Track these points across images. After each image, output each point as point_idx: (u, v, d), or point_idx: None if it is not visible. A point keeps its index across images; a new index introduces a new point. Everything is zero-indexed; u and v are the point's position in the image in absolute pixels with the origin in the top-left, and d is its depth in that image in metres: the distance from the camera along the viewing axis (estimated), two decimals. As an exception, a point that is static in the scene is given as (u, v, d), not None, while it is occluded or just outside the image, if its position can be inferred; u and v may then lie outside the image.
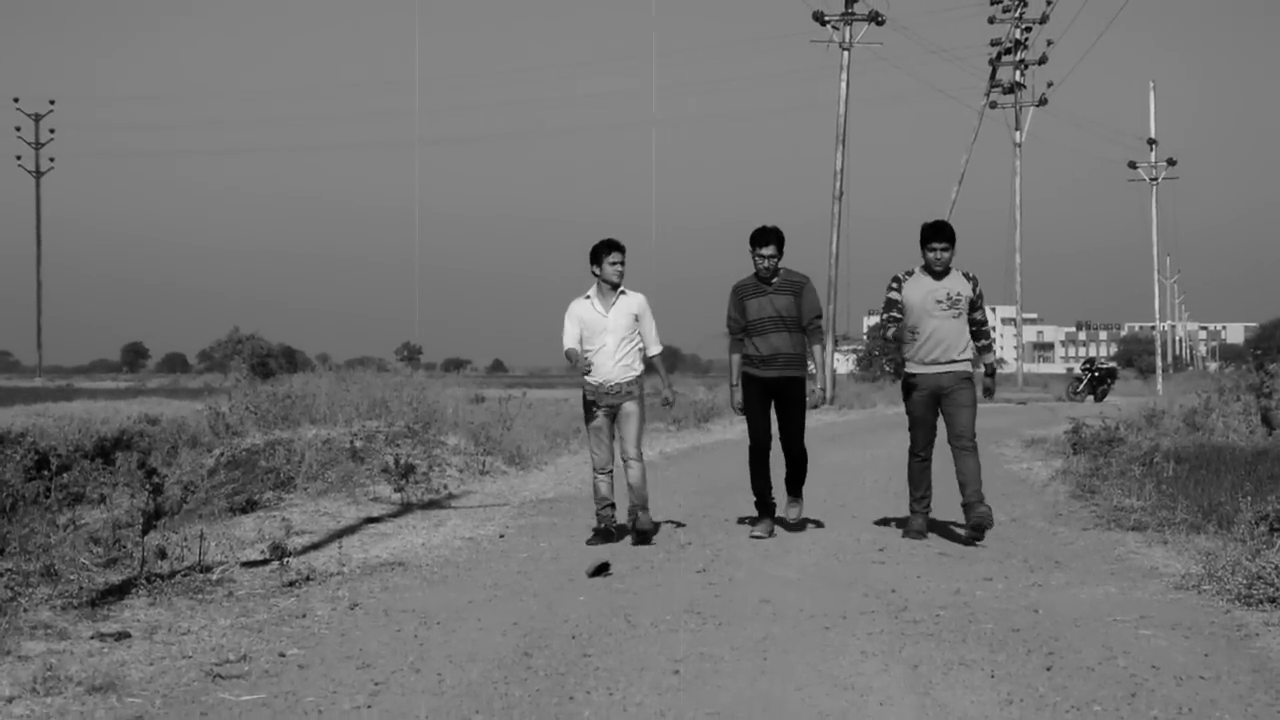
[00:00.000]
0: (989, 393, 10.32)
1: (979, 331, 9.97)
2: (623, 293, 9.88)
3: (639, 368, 9.97)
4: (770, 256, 9.87)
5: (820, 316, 10.05)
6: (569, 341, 9.88)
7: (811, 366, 10.08)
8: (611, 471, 9.89)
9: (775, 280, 9.93)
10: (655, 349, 10.09)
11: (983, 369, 10.19)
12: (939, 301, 9.76)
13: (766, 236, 9.89)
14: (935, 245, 9.80)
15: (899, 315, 9.90)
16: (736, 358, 10.09)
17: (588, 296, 9.91)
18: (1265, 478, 10.94)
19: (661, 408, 10.49)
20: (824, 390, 10.15)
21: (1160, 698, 5.28)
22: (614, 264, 9.82)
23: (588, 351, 9.82)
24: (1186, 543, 8.89)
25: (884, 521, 10.42)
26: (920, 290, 9.83)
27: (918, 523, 9.81)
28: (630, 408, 9.87)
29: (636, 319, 9.88)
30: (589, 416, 9.95)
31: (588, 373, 9.84)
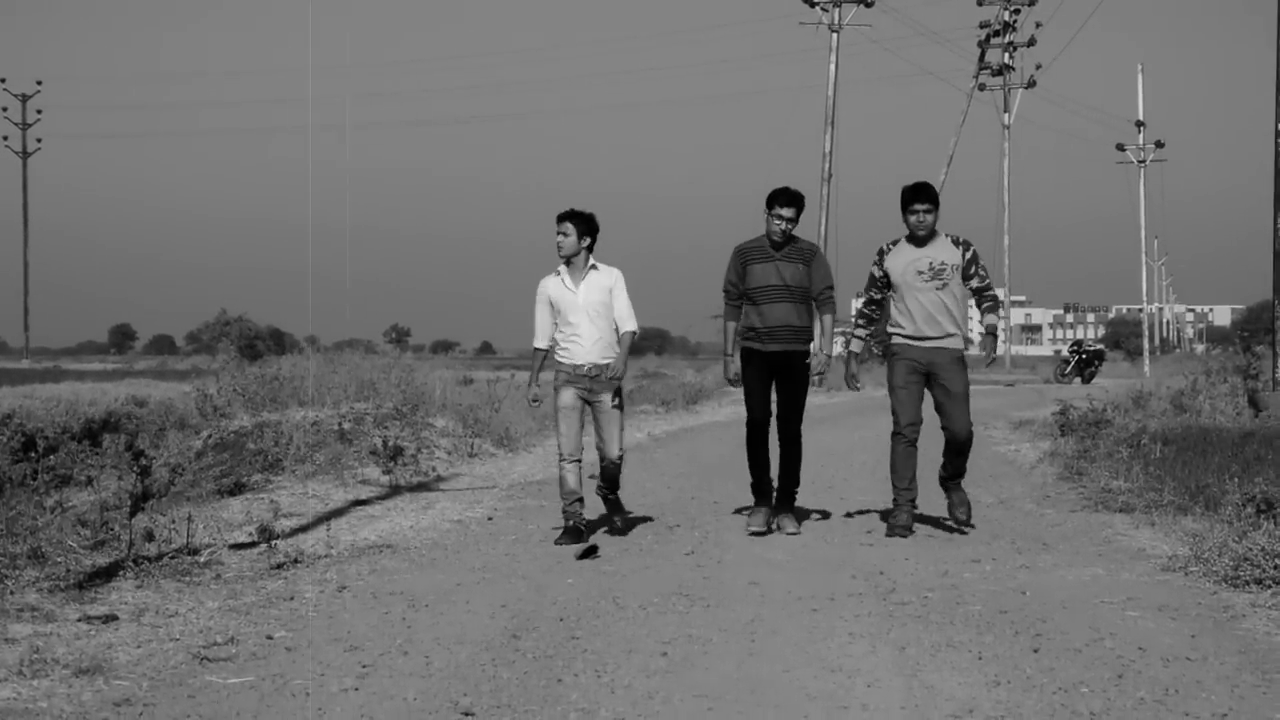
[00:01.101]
0: (990, 357, 9.48)
1: (980, 297, 9.24)
2: (594, 267, 9.15)
3: (615, 348, 9.19)
4: (788, 220, 9.10)
5: (832, 288, 9.29)
6: (540, 338, 9.27)
7: (816, 338, 9.38)
8: (580, 460, 9.11)
9: (786, 247, 9.17)
10: (629, 326, 9.21)
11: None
12: (920, 273, 9.04)
13: (788, 197, 9.12)
14: (916, 207, 9.01)
15: (877, 296, 9.31)
16: (733, 325, 9.38)
17: (558, 272, 9.21)
18: (1252, 459, 10.96)
19: (606, 376, 9.15)
20: (827, 357, 9.35)
21: (1147, 679, 5.30)
22: (559, 234, 9.10)
23: (563, 336, 9.14)
24: (1174, 524, 8.92)
25: (866, 512, 10.03)
26: (902, 261, 9.13)
27: (902, 518, 9.04)
28: (608, 403, 9.17)
29: (610, 295, 9.15)
30: (559, 395, 9.14)
31: (537, 401, 9.45)
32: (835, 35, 39.83)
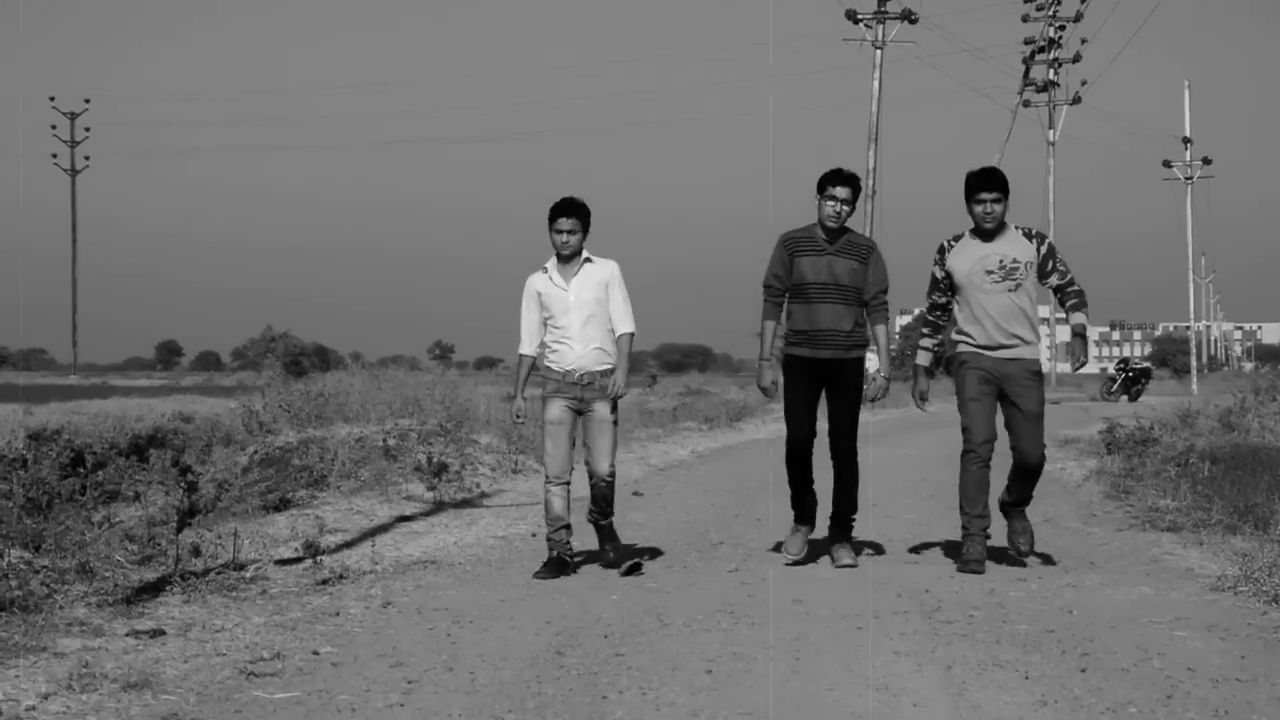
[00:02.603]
0: (1079, 361, 8.36)
1: (1063, 294, 8.24)
2: (588, 260, 8.27)
3: (613, 353, 8.31)
4: (843, 201, 8.13)
5: (886, 291, 8.30)
6: (524, 342, 8.42)
7: (871, 352, 8.47)
8: (569, 483, 8.28)
9: (840, 239, 8.21)
10: (626, 327, 8.28)
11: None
12: (989, 272, 8.07)
13: (842, 177, 8.18)
14: (983, 196, 8.06)
15: (941, 300, 8.33)
16: (772, 325, 8.34)
17: (545, 268, 8.34)
18: (1302, 478, 10.86)
19: (599, 384, 8.27)
20: (887, 378, 8.42)
21: (1196, 700, 5.25)
22: (560, 231, 8.22)
23: (553, 338, 8.28)
24: (1222, 544, 8.84)
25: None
26: (967, 259, 8.16)
27: (975, 550, 8.08)
28: (604, 413, 8.24)
29: (606, 291, 8.27)
30: (547, 408, 8.27)
31: (521, 417, 8.63)
32: (879, 52, 39.76)
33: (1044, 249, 8.16)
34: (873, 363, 8.62)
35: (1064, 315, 8.40)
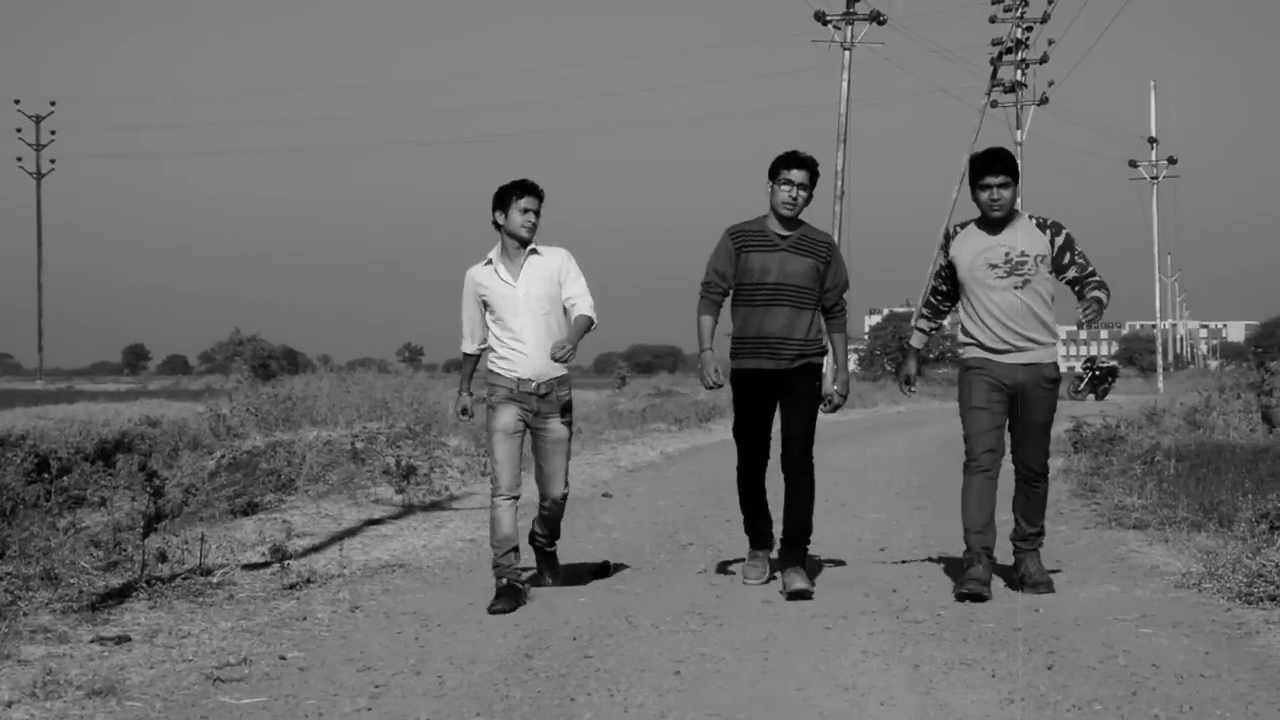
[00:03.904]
0: (1089, 317, 7.25)
1: (1083, 287, 7.33)
2: (534, 251, 7.38)
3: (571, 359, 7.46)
4: (799, 185, 7.32)
5: (846, 291, 7.57)
6: (466, 340, 7.61)
7: (828, 361, 7.74)
8: (519, 497, 7.47)
9: (793, 233, 7.40)
10: (588, 310, 7.39)
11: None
12: (992, 266, 7.25)
13: (798, 160, 7.38)
14: (989, 181, 7.20)
15: (944, 287, 7.54)
16: (709, 320, 7.52)
17: (489, 261, 7.45)
18: (1266, 476, 10.93)
19: (555, 399, 7.49)
20: (843, 395, 7.64)
21: (1161, 696, 5.28)
22: (526, 210, 7.32)
23: (501, 342, 7.40)
24: (1187, 541, 8.88)
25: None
26: (971, 249, 7.33)
27: (977, 570, 7.22)
28: (559, 431, 7.49)
29: (560, 285, 7.40)
30: (495, 415, 7.43)
31: (468, 413, 7.80)
32: (848, 53, 39.85)
33: (1060, 240, 7.29)
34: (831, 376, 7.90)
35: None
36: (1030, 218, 7.36)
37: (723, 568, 8.39)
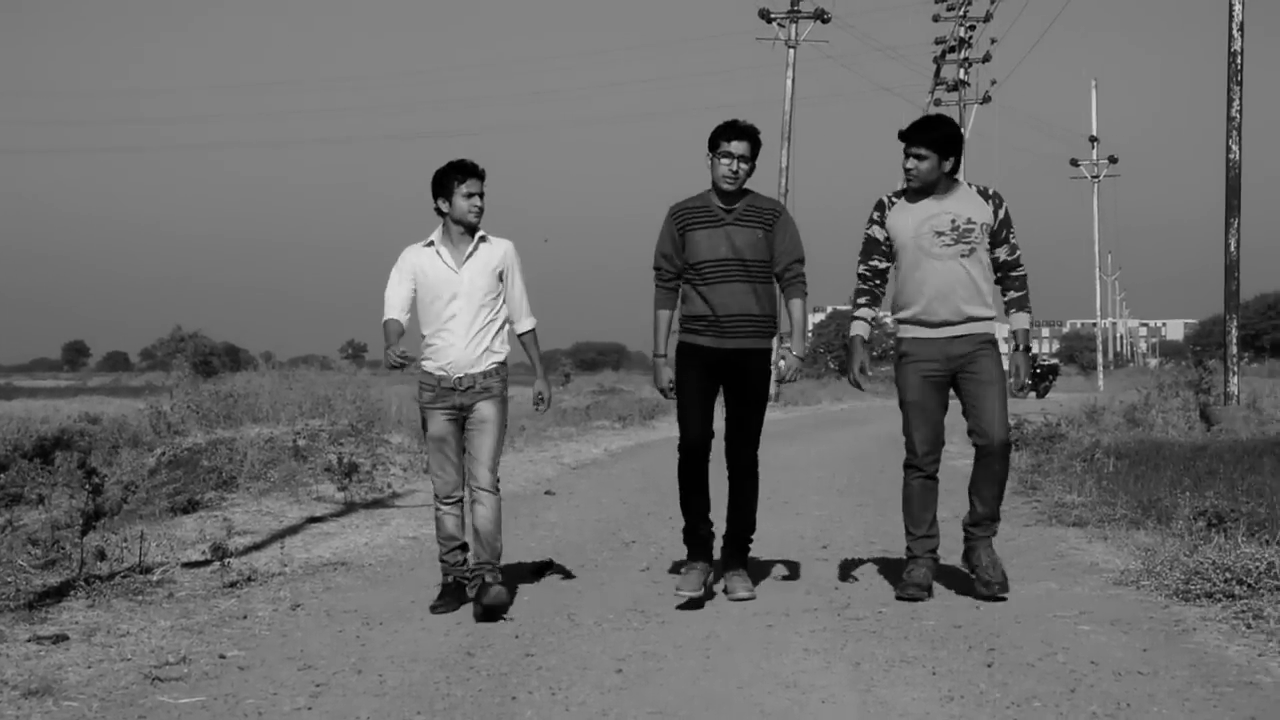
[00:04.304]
0: (1020, 381, 7.24)
1: (1006, 277, 7.14)
2: (484, 239, 7.05)
3: (503, 351, 7.12)
4: (739, 158, 6.97)
5: (802, 261, 7.13)
6: (392, 310, 7.05)
7: (784, 332, 7.33)
8: (461, 500, 7.17)
9: (737, 205, 7.05)
10: (528, 323, 7.18)
11: (1010, 340, 7.17)
12: (939, 233, 6.97)
13: (738, 130, 7.03)
14: (910, 151, 7.00)
15: (881, 265, 7.17)
16: (666, 315, 7.17)
17: (430, 243, 7.08)
18: (1203, 473, 11.05)
19: (534, 409, 7.43)
20: (797, 357, 7.19)
21: (1099, 693, 5.32)
22: (470, 195, 6.96)
23: (430, 329, 7.06)
24: (1126, 538, 8.96)
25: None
26: (912, 219, 7.04)
27: (918, 573, 7.14)
28: (487, 411, 7.01)
29: (501, 278, 7.07)
30: (427, 422, 7.12)
31: (400, 365, 6.96)
32: (792, 51, 39.94)
33: (1001, 213, 7.06)
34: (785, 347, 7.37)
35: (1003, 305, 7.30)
36: (971, 185, 7.12)
37: (674, 568, 8.39)
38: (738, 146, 6.96)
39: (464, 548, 7.15)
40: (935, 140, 6.94)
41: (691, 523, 7.25)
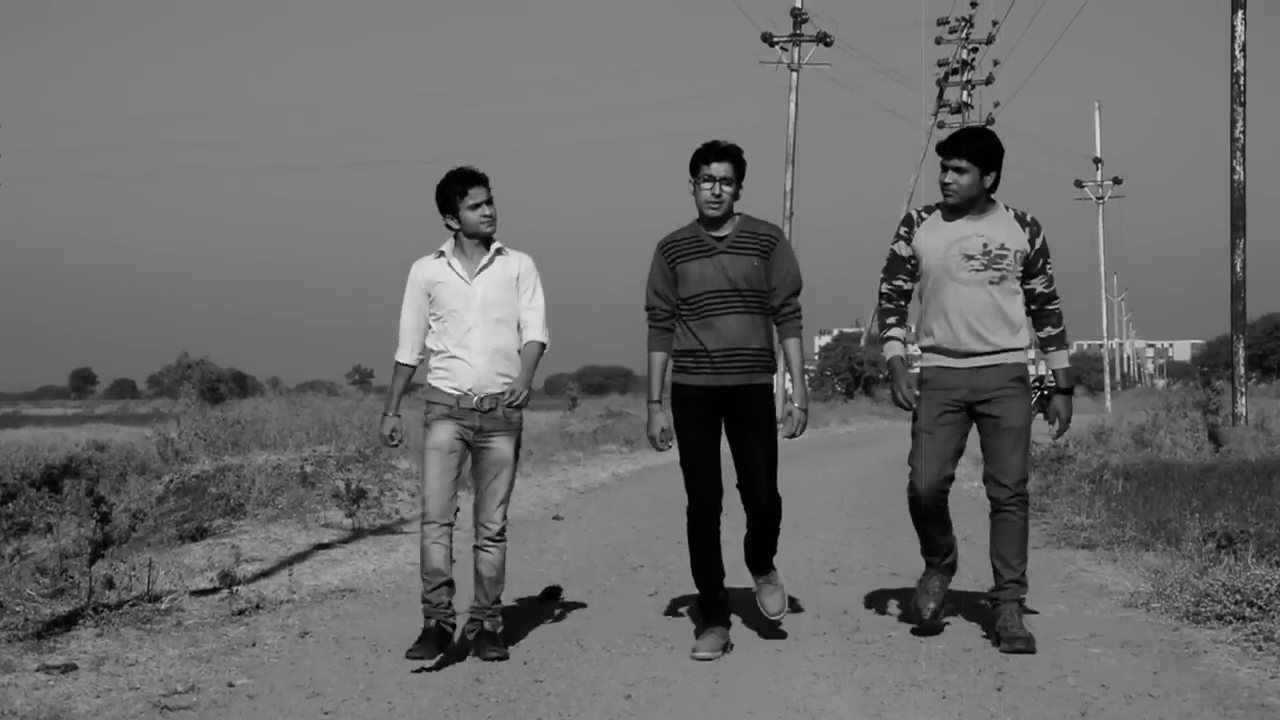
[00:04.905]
0: (1058, 421, 6.98)
1: (1042, 311, 6.68)
2: (500, 251, 6.63)
3: (517, 370, 6.65)
4: (721, 180, 6.45)
5: (799, 293, 6.60)
6: (403, 345, 6.71)
7: (783, 377, 7.00)
8: (452, 525, 6.63)
9: (729, 231, 6.54)
10: (537, 334, 6.64)
11: (1048, 377, 6.11)
12: (969, 257, 6.46)
13: (717, 151, 6.51)
14: (948, 164, 6.46)
15: (907, 285, 6.67)
16: (661, 358, 6.61)
17: (441, 254, 6.65)
18: (1213, 494, 11.03)
19: (504, 409, 6.61)
20: (803, 410, 6.70)
21: (1110, 716, 5.31)
22: (477, 205, 6.52)
23: (442, 347, 6.60)
24: (1135, 560, 8.95)
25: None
26: (943, 238, 6.52)
27: (927, 599, 6.81)
28: (504, 450, 6.59)
29: (517, 293, 6.63)
30: (431, 432, 6.64)
31: (396, 437, 6.80)
32: (795, 74, 40.00)
33: (1039, 242, 6.55)
34: (787, 399, 6.79)
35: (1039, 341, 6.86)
36: (1008, 208, 6.61)
37: (686, 602, 8.37)
38: (719, 169, 6.45)
39: (450, 585, 6.54)
40: (977, 152, 6.43)
41: (705, 585, 6.67)
